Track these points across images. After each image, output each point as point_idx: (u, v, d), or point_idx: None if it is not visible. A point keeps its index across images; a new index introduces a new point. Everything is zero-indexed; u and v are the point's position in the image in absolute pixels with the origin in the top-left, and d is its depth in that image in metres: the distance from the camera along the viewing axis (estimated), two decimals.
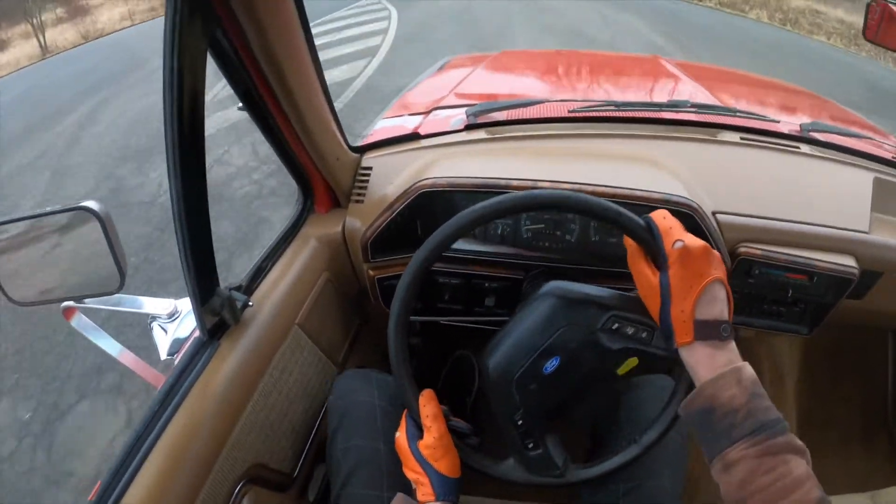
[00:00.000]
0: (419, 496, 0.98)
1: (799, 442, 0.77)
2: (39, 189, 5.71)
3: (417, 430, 1.01)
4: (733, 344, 0.86)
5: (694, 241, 0.87)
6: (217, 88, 6.14)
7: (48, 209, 1.01)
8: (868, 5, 1.71)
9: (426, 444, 0.99)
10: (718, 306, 0.86)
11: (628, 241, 0.94)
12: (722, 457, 0.78)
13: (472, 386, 1.93)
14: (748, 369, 0.82)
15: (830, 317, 1.44)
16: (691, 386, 0.90)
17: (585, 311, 0.97)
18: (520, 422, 1.00)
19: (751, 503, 0.74)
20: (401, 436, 1.03)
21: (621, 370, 1.04)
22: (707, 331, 0.84)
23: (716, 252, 0.88)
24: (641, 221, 0.92)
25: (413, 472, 1.00)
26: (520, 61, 2.90)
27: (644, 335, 0.96)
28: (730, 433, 0.78)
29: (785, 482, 0.72)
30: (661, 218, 0.91)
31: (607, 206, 0.93)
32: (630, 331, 0.96)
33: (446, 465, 0.98)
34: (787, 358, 2.20)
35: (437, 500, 0.96)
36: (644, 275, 0.90)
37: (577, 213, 1.03)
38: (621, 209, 0.92)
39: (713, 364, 0.83)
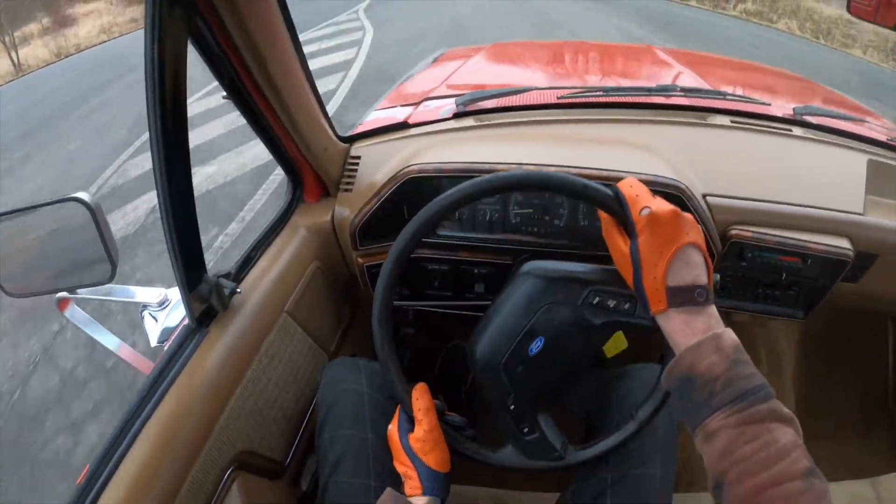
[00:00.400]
0: (406, 489, 0.99)
1: (786, 410, 0.73)
2: None
3: (409, 424, 1.02)
4: (713, 309, 0.83)
5: (662, 206, 0.84)
6: None
7: (39, 202, 1.02)
8: None
9: (416, 438, 0.99)
10: (693, 271, 0.83)
11: (601, 214, 0.93)
12: (703, 427, 0.75)
13: (467, 375, 1.95)
14: (729, 335, 0.79)
15: (826, 301, 1.45)
16: None
17: (565, 289, 0.97)
18: (512, 406, 1.01)
19: (732, 474, 0.70)
20: (392, 428, 1.04)
21: (608, 349, 1.04)
22: (681, 297, 0.82)
23: (687, 215, 0.85)
24: (609, 192, 0.90)
25: (402, 465, 1.00)
26: (513, 52, 2.91)
27: (626, 306, 0.96)
28: (710, 402, 0.75)
29: (769, 451, 0.68)
30: (628, 186, 0.88)
31: (572, 179, 0.92)
32: (612, 303, 0.96)
33: (435, 459, 0.99)
34: (783, 343, 2.20)
35: (424, 494, 0.97)
36: (616, 245, 0.89)
37: (542, 190, 1.04)
38: (587, 181, 0.91)
39: (691, 331, 0.81)
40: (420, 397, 1.01)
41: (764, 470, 0.68)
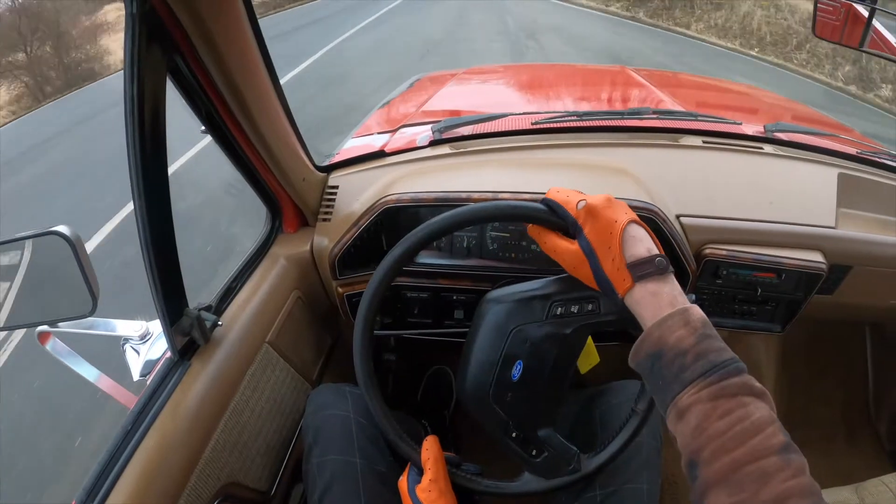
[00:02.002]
0: None
1: (758, 385, 0.73)
2: None
3: (417, 476, 1.04)
4: (674, 280, 0.84)
5: (594, 196, 0.90)
6: None
7: (19, 235, 1.03)
8: (816, 4, 1.77)
9: (422, 488, 1.01)
10: (644, 244, 0.85)
11: (533, 229, 0.97)
12: (675, 403, 0.75)
13: (450, 400, 1.98)
14: (697, 310, 0.80)
15: (803, 313, 1.50)
16: None
17: (528, 308, 1.00)
18: (514, 434, 1.04)
19: (707, 451, 0.69)
20: (403, 479, 1.06)
21: (581, 365, 1.08)
22: (643, 268, 0.83)
23: (618, 200, 0.90)
24: (539, 205, 0.95)
25: None
26: (487, 77, 2.97)
27: (590, 307, 0.98)
28: (681, 376, 0.75)
29: (744, 426, 0.68)
30: (556, 192, 0.94)
31: (501, 205, 0.95)
32: (575, 309, 0.98)
33: None
34: (763, 357, 2.25)
35: None
36: (563, 248, 0.92)
37: (478, 223, 1.06)
38: (515, 202, 0.95)
39: (658, 303, 0.81)
40: (429, 448, 1.04)
41: (739, 446, 0.67)
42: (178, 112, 1.15)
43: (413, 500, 1.01)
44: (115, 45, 16.36)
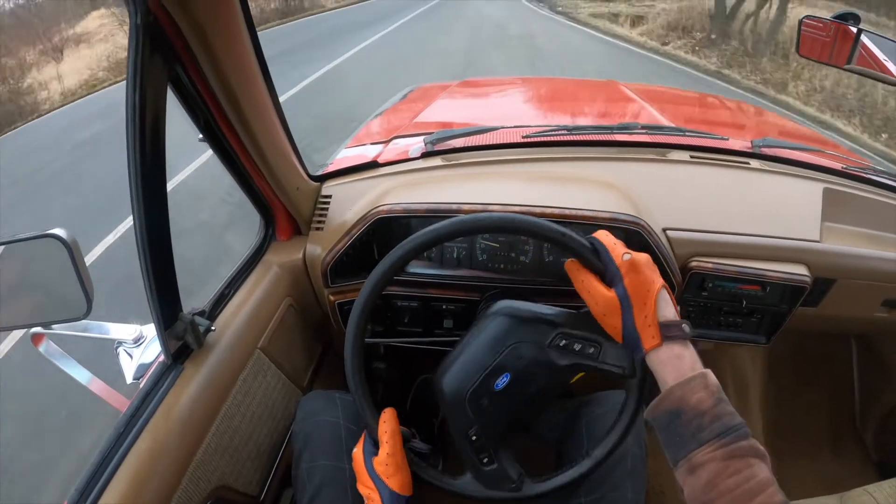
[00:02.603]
0: None
1: (761, 447, 0.79)
2: None
3: (374, 447, 1.05)
4: (691, 344, 0.90)
5: (638, 253, 0.94)
6: None
7: (15, 237, 1.04)
8: (801, 22, 1.79)
9: (379, 461, 1.02)
10: (671, 308, 0.91)
11: (572, 264, 0.99)
12: (688, 459, 0.81)
13: (438, 409, 1.99)
14: (712, 375, 0.86)
15: (788, 325, 1.53)
16: (640, 401, 0.99)
17: (534, 329, 1.02)
18: (474, 437, 1.04)
19: None
20: (357, 451, 1.06)
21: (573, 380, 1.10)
22: (671, 331, 0.89)
23: (654, 264, 0.95)
24: (586, 241, 0.97)
25: (365, 487, 1.02)
26: (479, 90, 3.01)
27: (591, 351, 1.00)
28: (697, 436, 0.81)
29: (750, 485, 0.74)
30: (605, 235, 0.97)
31: (551, 226, 0.97)
32: (577, 347, 1.00)
33: (398, 482, 1.01)
34: (749, 368, 2.29)
35: None
36: (599, 293, 0.94)
37: (522, 234, 1.07)
38: (565, 230, 0.96)
39: (680, 366, 0.87)
40: (386, 421, 1.04)
41: (747, 502, 0.74)
42: (184, 128, 1.18)
43: (369, 472, 1.02)
44: (69, 69, 13.94)
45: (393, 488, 1.01)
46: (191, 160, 6.28)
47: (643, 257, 0.94)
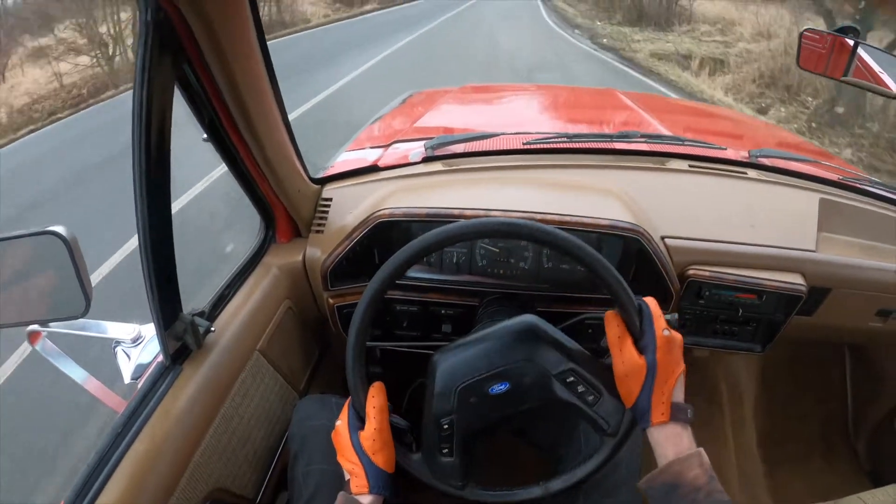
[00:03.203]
0: (353, 487, 1.00)
1: None
2: None
3: (358, 421, 1.03)
4: (690, 428, 0.96)
5: (676, 332, 0.96)
6: None
7: (15, 233, 1.03)
8: (801, 35, 1.80)
9: (366, 436, 1.01)
10: (682, 392, 0.97)
11: (614, 317, 1.00)
12: None
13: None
14: (706, 454, 0.92)
15: (783, 334, 1.54)
16: (611, 457, 1.03)
17: (551, 355, 1.03)
18: (445, 426, 1.03)
19: None
20: (341, 424, 1.05)
21: None
22: (679, 413, 0.94)
23: None
24: (636, 299, 0.98)
25: (349, 462, 1.01)
26: (479, 96, 3.03)
27: (591, 398, 1.02)
28: None
29: None
30: (654, 304, 0.99)
31: (610, 271, 0.97)
32: (581, 389, 1.01)
33: (383, 458, 1.01)
34: (744, 376, 2.31)
35: (370, 492, 0.99)
36: (630, 353, 0.96)
37: (578, 264, 1.03)
38: (622, 281, 0.97)
39: (680, 444, 0.93)
40: (375, 396, 1.03)
41: None
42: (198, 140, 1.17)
43: (355, 447, 1.01)
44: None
45: (379, 464, 1.01)
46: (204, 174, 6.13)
47: (679, 339, 0.97)
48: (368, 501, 0.99)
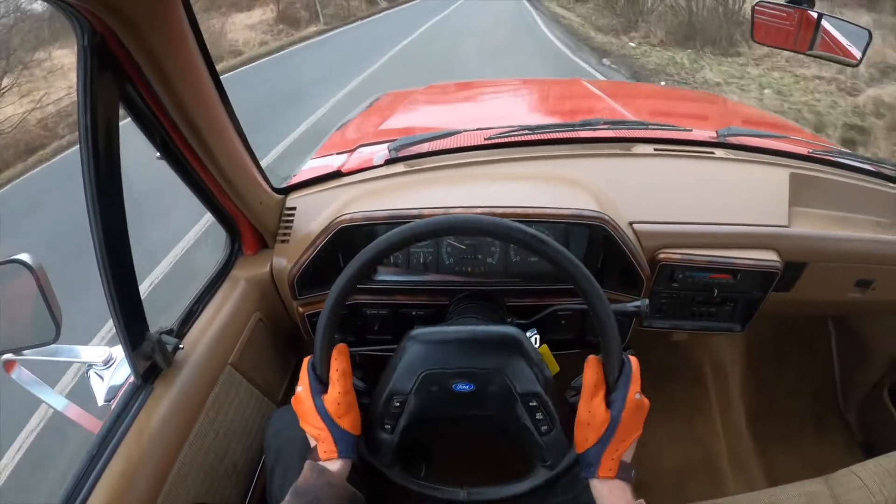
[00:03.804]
0: (320, 453, 1.01)
1: None
2: None
3: (320, 385, 1.04)
4: (631, 488, 0.99)
5: (645, 398, 1.00)
6: None
7: None
8: (754, 9, 1.82)
9: (331, 400, 1.01)
10: (632, 453, 1.01)
11: (597, 363, 1.01)
12: None
13: None
14: None
15: (763, 311, 1.57)
16: (547, 487, 1.07)
17: (523, 371, 1.04)
18: (397, 403, 1.05)
19: None
20: (303, 390, 1.04)
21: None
22: (626, 472, 0.98)
23: None
24: (622, 353, 1.00)
25: (314, 427, 1.02)
26: (445, 94, 3.05)
27: (544, 427, 1.04)
28: None
29: None
30: (636, 365, 1.01)
31: (609, 319, 0.97)
32: (539, 416, 1.03)
33: (349, 421, 1.02)
34: (728, 356, 2.34)
35: (339, 457, 1.00)
36: (598, 405, 0.98)
37: (576, 289, 1.02)
38: (616, 329, 0.98)
39: (623, 498, 0.97)
40: (338, 359, 1.04)
41: None
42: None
43: (319, 412, 1.01)
44: None
45: (345, 428, 1.02)
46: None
47: (647, 405, 1.00)
48: (338, 467, 1.01)
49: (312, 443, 1.05)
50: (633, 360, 1.02)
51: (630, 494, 0.97)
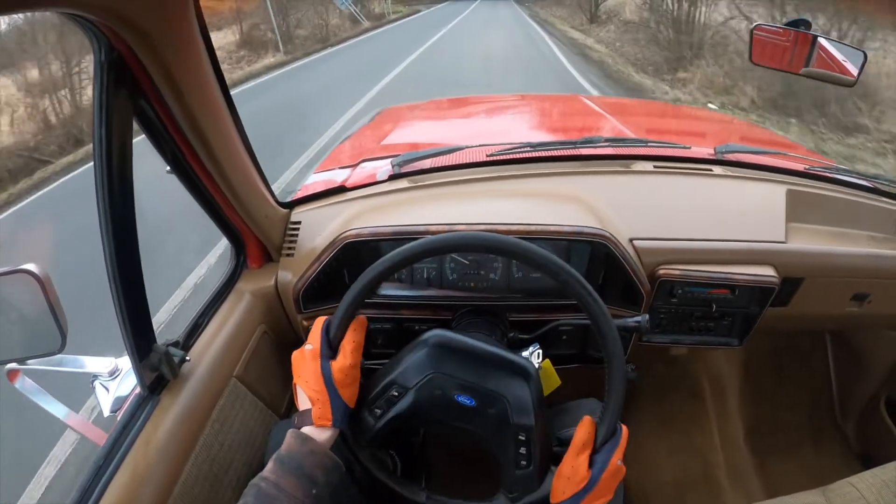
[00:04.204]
0: (315, 418, 1.00)
1: None
2: None
3: (330, 350, 1.04)
4: None
5: (623, 466, 1.00)
6: None
7: None
8: (753, 31, 1.84)
9: (339, 368, 1.01)
10: None
11: (591, 424, 1.01)
12: None
13: (418, 429, 2.01)
14: None
15: (761, 326, 1.58)
16: None
17: (525, 401, 1.04)
18: (394, 393, 1.06)
19: None
20: (312, 349, 1.04)
21: (545, 387, 1.12)
22: None
23: None
24: (617, 421, 1.00)
25: (313, 390, 1.01)
26: (447, 109, 3.08)
27: (523, 462, 1.04)
28: None
29: None
30: (626, 433, 1.02)
31: (620, 375, 0.99)
32: (523, 450, 1.03)
33: (349, 393, 1.03)
34: (726, 370, 2.35)
35: (333, 425, 1.00)
36: (582, 463, 0.98)
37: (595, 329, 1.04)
38: (623, 394, 0.99)
39: None
40: (357, 329, 1.05)
41: None
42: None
43: (325, 375, 1.01)
44: None
45: (345, 398, 1.02)
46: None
47: (623, 472, 1.00)
48: (327, 436, 1.01)
49: (305, 404, 1.03)
50: (625, 428, 1.02)
51: None
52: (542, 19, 22.47)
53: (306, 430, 1.01)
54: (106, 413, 1.24)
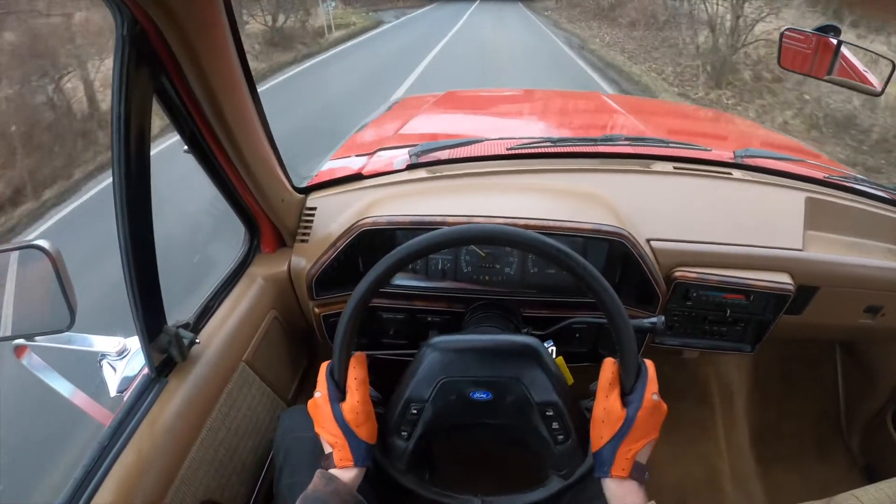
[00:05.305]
0: (336, 461, 1.00)
1: None
2: None
3: (338, 393, 1.02)
4: (643, 488, 0.97)
5: (663, 403, 0.98)
6: None
7: None
8: (783, 35, 1.82)
9: (350, 408, 1.00)
10: (647, 456, 0.98)
11: (612, 364, 1.00)
12: None
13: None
14: None
15: (773, 333, 1.56)
16: (561, 491, 1.06)
17: (540, 380, 1.03)
18: (414, 411, 1.04)
19: None
20: (321, 396, 1.03)
21: None
22: (639, 472, 0.96)
23: None
24: (638, 359, 0.98)
25: (330, 435, 1.01)
26: (464, 102, 3.04)
27: (560, 437, 1.03)
28: None
29: None
30: (652, 368, 1.00)
31: (627, 328, 0.96)
32: (555, 425, 1.03)
33: (366, 431, 1.01)
34: (735, 376, 2.32)
35: (355, 465, 1.00)
36: (614, 402, 0.96)
37: (593, 298, 1.01)
38: (634, 339, 0.96)
39: (636, 499, 0.95)
40: (356, 367, 1.03)
41: None
42: None
43: (337, 419, 1.00)
44: None
45: (362, 437, 1.01)
46: None
47: (664, 408, 0.98)
48: (352, 476, 1.00)
49: (328, 449, 1.03)
50: (650, 363, 1.00)
51: (643, 495, 0.96)
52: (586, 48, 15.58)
53: (332, 470, 1.01)
54: (112, 393, 1.23)
